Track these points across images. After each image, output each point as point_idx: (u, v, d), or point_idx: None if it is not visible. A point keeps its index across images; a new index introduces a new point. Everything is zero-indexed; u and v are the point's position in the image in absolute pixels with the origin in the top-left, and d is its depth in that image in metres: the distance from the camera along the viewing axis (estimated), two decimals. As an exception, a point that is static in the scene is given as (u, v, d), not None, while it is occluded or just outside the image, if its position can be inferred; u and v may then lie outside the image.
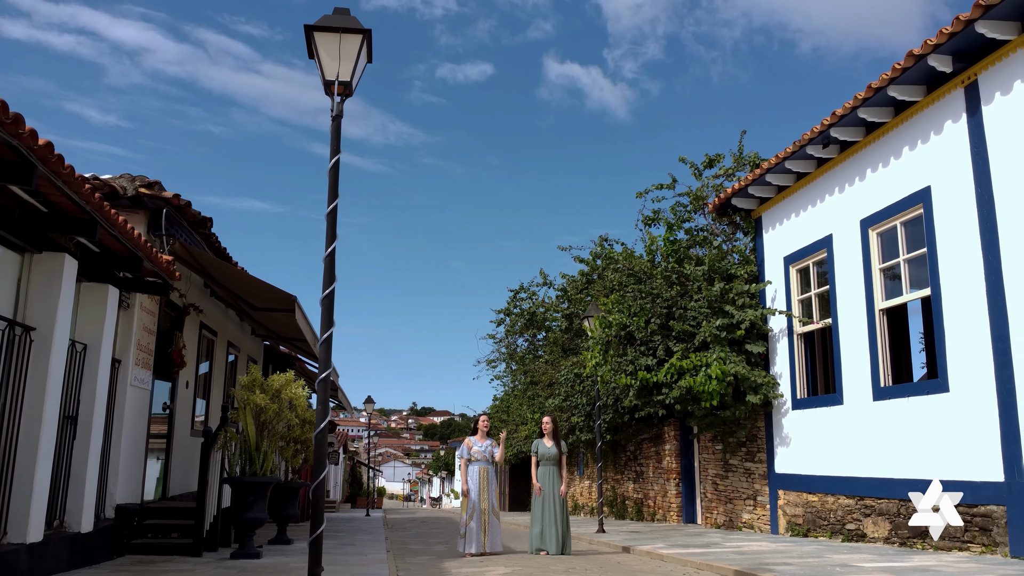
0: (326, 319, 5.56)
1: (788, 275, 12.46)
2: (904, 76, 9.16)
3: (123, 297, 8.42)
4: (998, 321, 8.22)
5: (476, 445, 10.12)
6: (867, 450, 10.20)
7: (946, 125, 9.16)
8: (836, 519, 10.79)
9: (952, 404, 8.83)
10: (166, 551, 8.64)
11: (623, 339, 14.65)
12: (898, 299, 10.03)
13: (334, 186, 5.64)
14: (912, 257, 9.78)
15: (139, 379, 8.91)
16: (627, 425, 17.10)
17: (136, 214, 8.71)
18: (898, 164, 9.97)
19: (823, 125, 10.55)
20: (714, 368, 12.16)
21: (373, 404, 28.11)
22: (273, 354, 18.27)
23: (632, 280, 14.85)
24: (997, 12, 7.91)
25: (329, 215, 5.60)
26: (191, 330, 11.14)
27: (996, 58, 8.41)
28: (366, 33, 5.73)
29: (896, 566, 7.32)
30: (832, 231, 11.27)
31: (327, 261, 5.57)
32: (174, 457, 10.52)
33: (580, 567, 8.58)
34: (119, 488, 8.42)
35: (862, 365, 10.43)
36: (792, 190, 12.35)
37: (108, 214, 6.20)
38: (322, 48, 5.65)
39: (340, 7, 5.85)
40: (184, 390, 11.01)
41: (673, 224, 14.97)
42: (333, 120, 5.71)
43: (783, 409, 12.36)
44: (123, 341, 8.57)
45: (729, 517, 13.88)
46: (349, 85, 5.74)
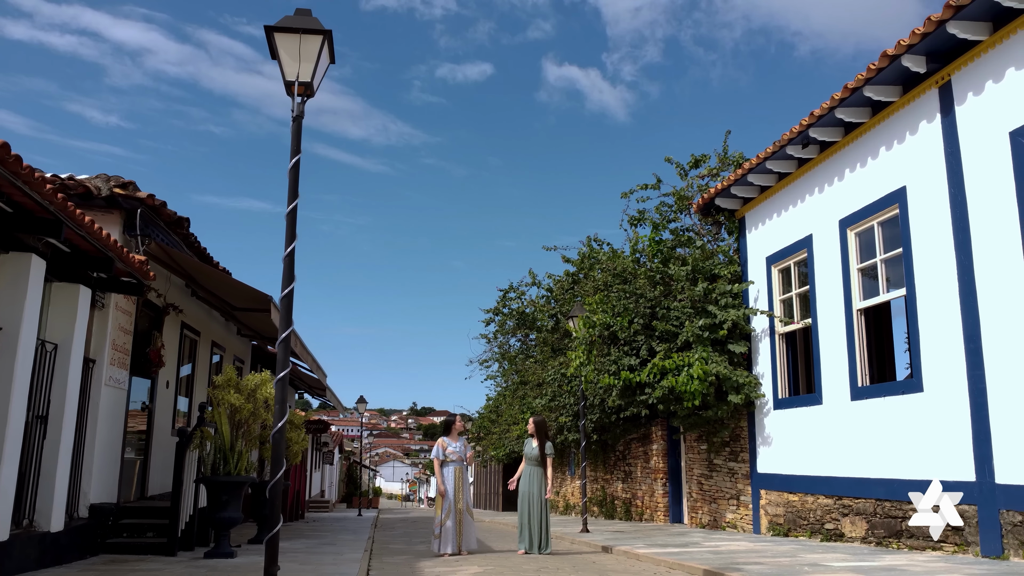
0: (285, 318, 5.58)
1: (770, 275, 12.47)
2: (879, 76, 9.17)
3: (97, 297, 8.44)
4: (970, 321, 8.24)
5: (451, 446, 10.14)
6: (845, 450, 10.22)
7: (921, 125, 9.17)
8: (816, 519, 10.80)
9: (926, 404, 8.85)
10: (141, 550, 8.66)
11: (607, 339, 14.67)
12: (875, 299, 10.04)
13: (294, 186, 5.66)
14: (889, 257, 9.79)
15: (115, 379, 8.92)
16: (614, 425, 17.11)
17: (111, 214, 8.73)
18: (875, 164, 9.98)
19: (802, 125, 10.56)
20: (696, 368, 12.17)
21: (366, 404, 28.19)
22: (262, 354, 18.28)
23: (617, 280, 14.87)
24: (968, 12, 7.92)
25: (289, 215, 5.62)
26: (172, 330, 11.16)
27: (969, 58, 8.42)
28: (327, 34, 5.74)
29: (865, 565, 7.33)
30: (812, 231, 11.28)
31: (286, 261, 5.59)
32: (154, 456, 10.54)
33: (553, 566, 8.60)
34: (93, 487, 8.44)
35: (841, 365, 10.44)
36: (774, 190, 12.36)
37: (73, 214, 6.22)
38: (283, 49, 5.67)
39: (302, 8, 5.86)
40: (164, 390, 11.03)
41: (658, 224, 14.99)
42: (294, 120, 5.72)
43: (765, 409, 12.37)
44: (97, 341, 8.59)
45: (713, 517, 13.89)
46: (310, 86, 5.76)
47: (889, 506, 9.32)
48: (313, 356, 15.20)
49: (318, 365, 16.34)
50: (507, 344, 25.79)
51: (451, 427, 10.33)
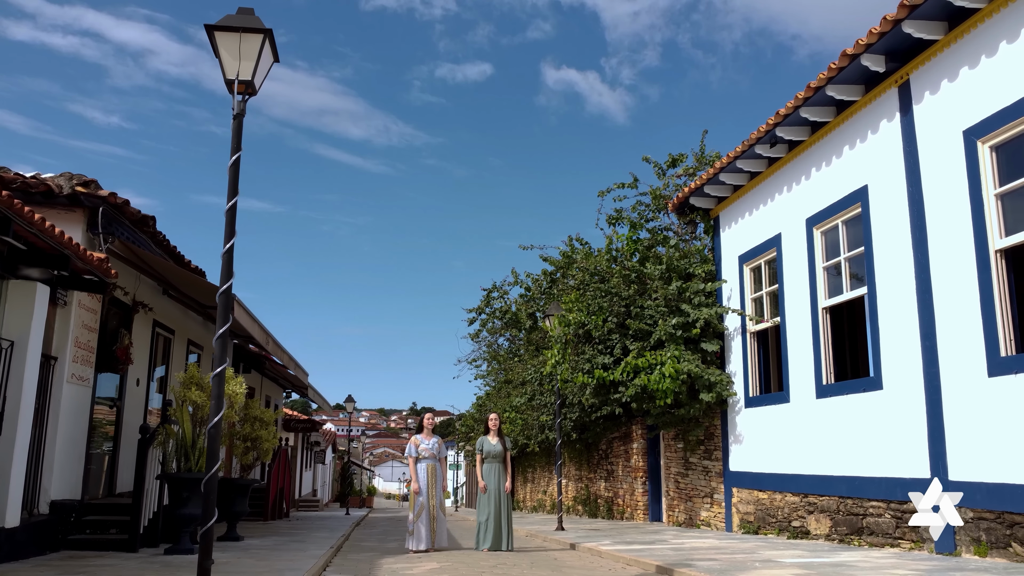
0: (223, 315, 5.61)
1: (742, 274, 12.51)
2: (841, 76, 9.21)
3: (59, 295, 8.49)
4: (926, 319, 8.27)
5: (424, 443, 10.20)
6: (810, 448, 10.25)
7: (882, 124, 9.21)
8: (783, 516, 10.84)
9: (886, 402, 8.88)
10: (104, 547, 8.70)
11: (581, 338, 14.71)
12: (839, 297, 10.07)
13: (234, 183, 5.71)
14: (852, 256, 9.82)
15: (78, 376, 8.97)
16: (595, 424, 17.15)
17: (73, 212, 8.78)
18: (840, 163, 10.02)
19: (768, 125, 10.59)
20: (668, 367, 12.20)
21: (354, 403, 28.32)
22: (245, 353, 18.32)
23: (595, 279, 14.91)
24: (922, 12, 7.95)
25: (228, 211, 5.66)
26: (143, 328, 11.21)
27: (926, 58, 8.45)
28: (267, 33, 5.79)
29: (816, 562, 7.37)
30: (781, 230, 11.32)
31: (225, 257, 5.63)
32: (123, 454, 10.58)
33: (511, 563, 8.64)
34: (55, 484, 8.48)
35: (807, 363, 10.47)
36: (746, 189, 12.39)
37: (20, 211, 6.27)
38: (223, 47, 5.71)
39: (244, 7, 5.91)
40: (135, 387, 11.08)
41: (636, 223, 15.03)
42: (234, 119, 5.77)
43: (737, 407, 12.41)
44: (59, 338, 8.64)
45: (689, 515, 13.92)
46: (251, 84, 5.80)
47: (851, 503, 9.35)
48: (291, 355, 15.24)
49: (298, 364, 16.38)
50: (495, 343, 25.85)
51: (423, 425, 10.40)
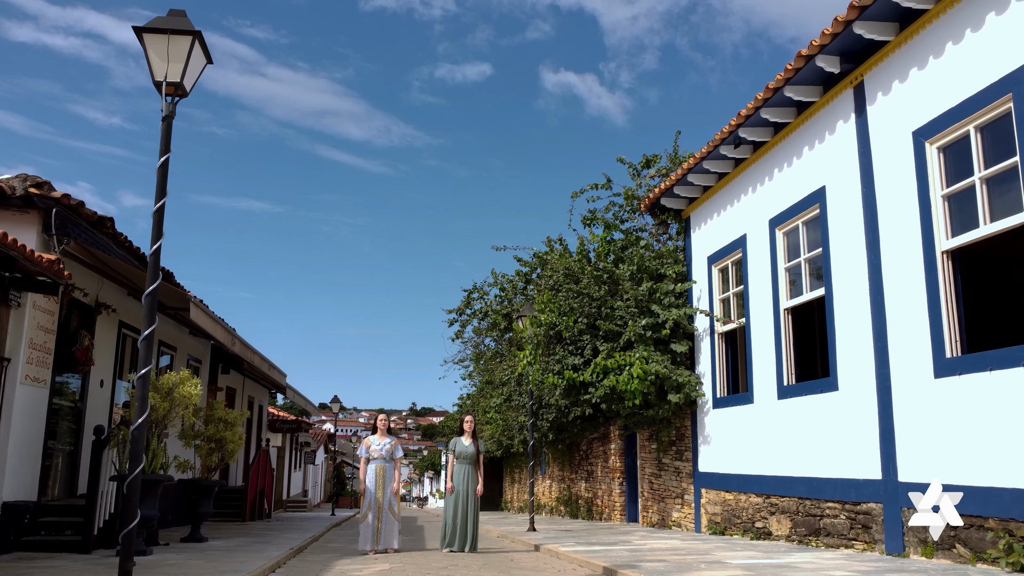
0: (148, 317, 5.61)
1: (711, 275, 12.50)
2: (798, 77, 9.20)
3: (12, 296, 8.49)
4: (878, 320, 8.26)
5: (375, 444, 10.22)
6: (772, 449, 10.25)
7: (838, 125, 9.20)
8: (747, 517, 10.83)
9: (841, 403, 8.87)
10: (57, 548, 8.70)
11: (552, 338, 14.70)
12: (800, 298, 10.05)
13: (162, 185, 5.70)
14: (812, 256, 9.81)
15: (33, 377, 8.97)
16: (571, 424, 17.14)
17: (27, 214, 8.77)
18: (800, 164, 10.01)
19: (731, 126, 10.58)
20: (636, 368, 12.19)
21: (340, 403, 28.36)
22: (223, 354, 18.29)
23: (568, 280, 14.90)
24: (872, 13, 7.94)
25: (156, 213, 5.66)
26: (108, 330, 11.21)
27: (879, 59, 8.44)
28: (196, 35, 5.78)
29: (763, 563, 7.35)
30: (747, 231, 11.30)
31: (152, 259, 5.63)
32: (83, 455, 10.58)
33: (462, 564, 8.63)
34: (7, 485, 8.48)
35: (770, 364, 10.46)
36: (714, 190, 12.38)
37: (-44, 214, 6.26)
38: (151, 49, 5.71)
39: (176, 9, 5.90)
40: (99, 388, 11.07)
41: (611, 224, 15.02)
42: (163, 120, 5.77)
43: (706, 408, 12.39)
44: (13, 339, 8.63)
45: (662, 516, 13.91)
46: (181, 85, 5.80)
47: (810, 504, 9.35)
48: (264, 356, 15.25)
49: (272, 365, 16.40)
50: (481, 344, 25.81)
51: (377, 426, 10.42)
